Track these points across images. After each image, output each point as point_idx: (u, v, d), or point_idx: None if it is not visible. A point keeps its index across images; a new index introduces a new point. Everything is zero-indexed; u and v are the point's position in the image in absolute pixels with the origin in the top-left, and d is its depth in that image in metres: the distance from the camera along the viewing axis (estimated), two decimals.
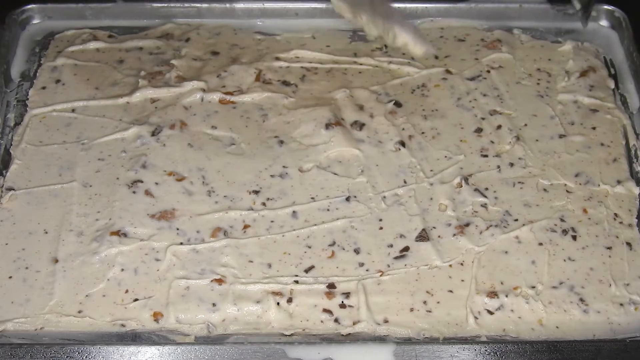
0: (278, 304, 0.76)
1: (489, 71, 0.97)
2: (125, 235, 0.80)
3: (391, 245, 0.81)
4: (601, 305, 0.77)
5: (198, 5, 1.02)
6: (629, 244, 0.82)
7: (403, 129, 0.91)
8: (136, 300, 0.76)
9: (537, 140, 0.90)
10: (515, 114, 0.93)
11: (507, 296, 0.77)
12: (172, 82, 0.94)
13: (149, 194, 0.84)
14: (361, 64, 0.98)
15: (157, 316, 0.75)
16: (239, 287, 0.77)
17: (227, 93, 0.93)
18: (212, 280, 0.78)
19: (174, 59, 0.96)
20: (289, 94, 0.94)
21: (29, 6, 1.02)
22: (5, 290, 0.77)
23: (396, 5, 1.02)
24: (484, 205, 0.84)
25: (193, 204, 0.83)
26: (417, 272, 0.79)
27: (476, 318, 0.76)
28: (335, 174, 0.87)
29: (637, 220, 0.84)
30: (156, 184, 0.85)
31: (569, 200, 0.85)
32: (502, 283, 0.78)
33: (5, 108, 0.92)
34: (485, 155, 0.88)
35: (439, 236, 0.82)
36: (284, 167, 0.87)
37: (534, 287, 0.78)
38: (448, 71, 0.97)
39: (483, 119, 0.92)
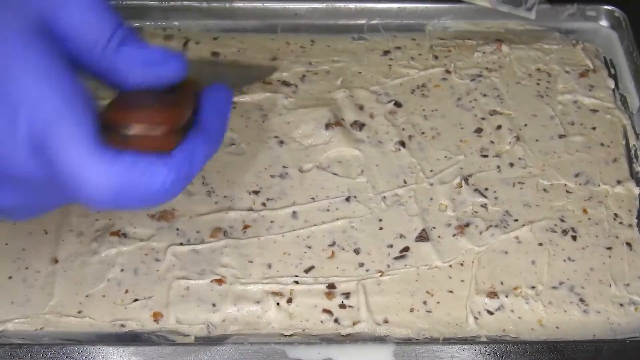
0: (278, 304, 0.76)
1: (489, 71, 0.97)
2: (125, 235, 0.80)
3: (391, 246, 0.81)
4: (601, 306, 0.77)
5: (198, 4, 1.02)
6: (629, 244, 0.82)
7: (403, 129, 0.91)
8: (136, 300, 0.76)
9: (537, 140, 0.90)
10: (515, 114, 0.93)
11: (507, 296, 0.77)
12: None
13: None
14: (361, 64, 0.98)
15: (157, 316, 0.75)
16: (239, 287, 0.77)
17: None
18: (212, 281, 0.78)
19: None
20: (289, 94, 0.94)
21: None
22: (5, 290, 0.77)
23: (396, 5, 1.03)
24: (484, 206, 0.84)
25: (193, 204, 0.83)
26: (417, 273, 0.79)
27: (476, 318, 0.76)
28: (335, 174, 0.87)
29: (637, 220, 0.84)
30: None
31: (569, 200, 0.85)
32: (502, 283, 0.78)
33: None
34: (485, 156, 0.89)
35: (439, 236, 0.82)
36: (284, 167, 0.87)
37: (534, 287, 0.78)
38: (448, 71, 0.97)
39: (483, 119, 0.92)
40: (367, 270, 0.79)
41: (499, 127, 0.91)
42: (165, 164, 0.55)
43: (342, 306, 0.77)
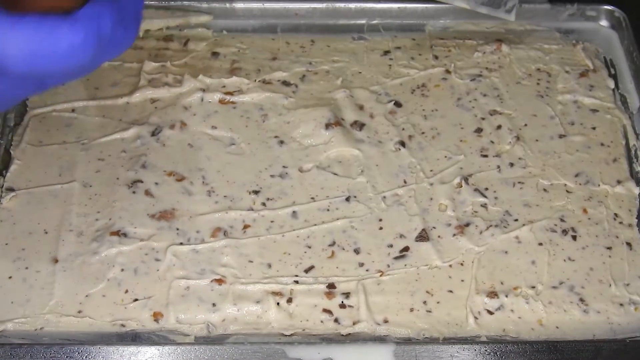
0: (278, 304, 0.76)
1: (489, 71, 0.97)
2: (125, 235, 0.80)
3: (391, 245, 0.81)
4: (601, 305, 0.77)
5: (198, 5, 1.02)
6: (629, 244, 0.82)
7: (403, 129, 0.91)
8: (136, 300, 0.76)
9: (537, 140, 0.90)
10: (515, 114, 0.93)
11: (507, 296, 0.77)
12: (172, 82, 0.94)
13: (148, 194, 0.84)
14: (361, 64, 0.98)
15: (157, 316, 0.75)
16: (239, 287, 0.77)
17: (227, 93, 0.93)
18: (212, 280, 0.78)
19: (174, 59, 0.96)
20: (289, 94, 0.94)
21: None
22: (5, 290, 0.77)
23: (396, 5, 1.03)
24: (484, 205, 0.84)
25: (193, 204, 0.83)
26: (417, 272, 0.79)
27: (476, 318, 0.76)
28: (335, 174, 0.87)
29: (637, 220, 0.84)
30: (156, 184, 0.85)
31: (569, 200, 0.85)
32: (502, 283, 0.78)
33: None
34: (485, 155, 0.89)
35: (438, 236, 0.82)
36: (284, 167, 0.87)
37: (534, 287, 0.78)
38: (448, 71, 0.97)
39: (483, 119, 0.92)
40: (367, 270, 0.79)
41: (499, 127, 0.91)
42: (69, 22, 0.56)
43: (342, 306, 0.77)
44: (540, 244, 0.81)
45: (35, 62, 0.56)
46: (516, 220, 0.83)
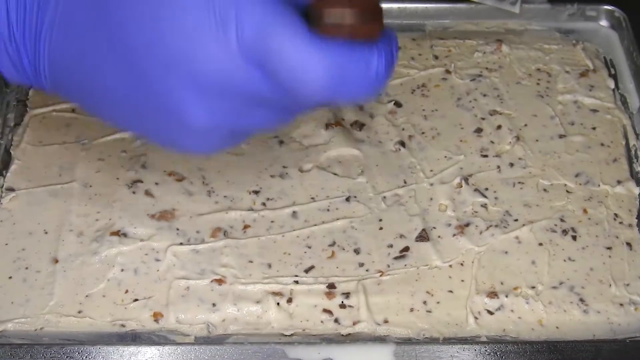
0: (278, 304, 0.76)
1: (489, 71, 0.97)
2: (125, 235, 0.80)
3: (391, 246, 0.81)
4: (601, 306, 0.77)
5: None
6: (629, 244, 0.82)
7: (403, 129, 0.91)
8: (136, 300, 0.76)
9: (537, 140, 0.90)
10: (515, 114, 0.93)
11: (507, 296, 0.77)
12: None
13: (148, 194, 0.84)
14: None
15: (157, 316, 0.75)
16: (239, 287, 0.77)
17: None
18: (212, 281, 0.78)
19: None
20: None
21: None
22: (5, 291, 0.77)
23: (396, 5, 1.03)
24: (484, 206, 0.84)
25: (193, 204, 0.83)
26: (417, 272, 0.79)
27: (476, 318, 0.76)
28: (335, 174, 0.87)
29: (637, 220, 0.84)
30: (156, 184, 0.85)
31: (569, 200, 0.85)
32: (502, 283, 0.78)
33: (5, 108, 0.92)
34: (485, 156, 0.89)
35: (439, 236, 0.82)
36: (284, 167, 0.87)
37: (534, 287, 0.78)
38: (448, 71, 0.97)
39: (483, 119, 0.92)
40: (367, 270, 0.79)
41: (499, 127, 0.91)
42: (377, 49, 0.55)
43: (342, 306, 0.77)
44: (541, 244, 0.81)
45: (341, 87, 0.54)
46: (516, 220, 0.83)
